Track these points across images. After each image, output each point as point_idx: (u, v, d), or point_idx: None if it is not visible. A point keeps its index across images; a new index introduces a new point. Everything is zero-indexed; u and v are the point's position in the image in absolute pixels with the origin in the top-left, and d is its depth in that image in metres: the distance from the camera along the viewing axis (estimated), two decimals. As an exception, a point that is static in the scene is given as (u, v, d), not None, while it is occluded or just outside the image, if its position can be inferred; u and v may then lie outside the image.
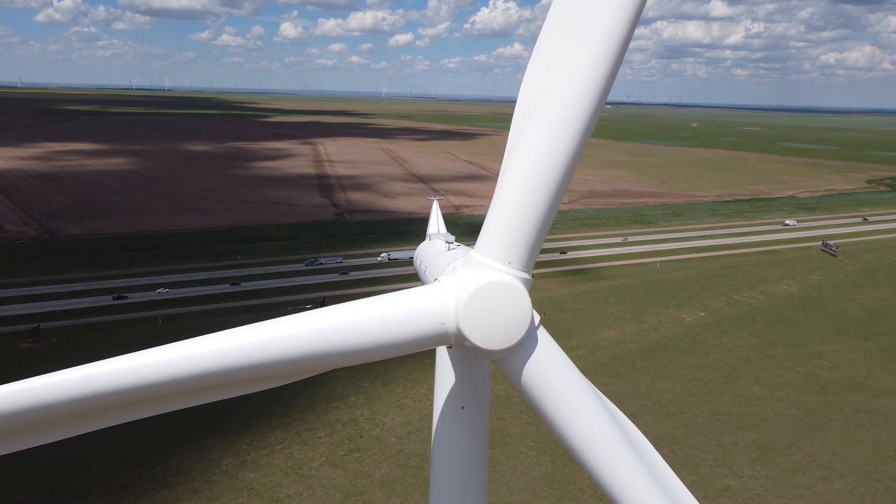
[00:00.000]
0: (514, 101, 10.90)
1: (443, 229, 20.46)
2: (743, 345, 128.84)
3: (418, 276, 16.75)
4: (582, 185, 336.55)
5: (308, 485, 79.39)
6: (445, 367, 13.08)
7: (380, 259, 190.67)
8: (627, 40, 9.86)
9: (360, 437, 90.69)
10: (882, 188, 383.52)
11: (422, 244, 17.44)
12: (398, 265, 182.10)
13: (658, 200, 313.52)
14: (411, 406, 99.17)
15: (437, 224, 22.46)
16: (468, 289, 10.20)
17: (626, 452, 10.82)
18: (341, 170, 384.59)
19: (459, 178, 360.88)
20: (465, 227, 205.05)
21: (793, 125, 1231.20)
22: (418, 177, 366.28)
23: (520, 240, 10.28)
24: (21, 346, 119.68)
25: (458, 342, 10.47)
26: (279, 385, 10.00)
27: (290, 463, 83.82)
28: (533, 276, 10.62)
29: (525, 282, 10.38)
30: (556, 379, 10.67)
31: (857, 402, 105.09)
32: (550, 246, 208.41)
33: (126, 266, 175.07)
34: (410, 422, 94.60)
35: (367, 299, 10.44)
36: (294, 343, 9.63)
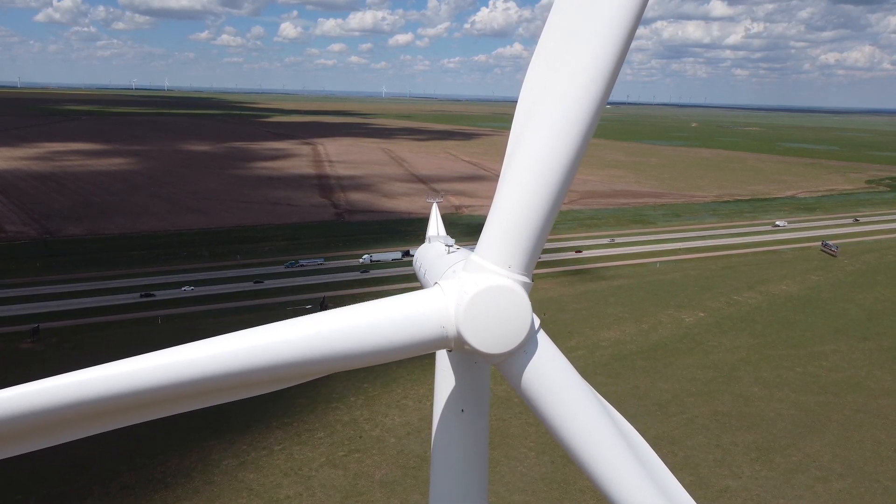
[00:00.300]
0: (513, 101, 10.91)
1: (442, 232, 20.44)
2: (742, 345, 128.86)
3: (418, 278, 16.76)
4: (582, 185, 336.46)
5: (308, 485, 79.41)
6: (445, 370, 13.10)
7: (361, 261, 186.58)
8: (629, 41, 9.81)
9: (360, 437, 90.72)
10: (882, 188, 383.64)
11: (421, 247, 17.45)
12: (384, 266, 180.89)
13: (658, 201, 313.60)
14: (411, 406, 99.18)
15: (436, 227, 22.42)
16: (468, 293, 10.22)
17: (625, 456, 10.84)
18: (341, 170, 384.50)
19: (459, 179, 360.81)
20: (464, 228, 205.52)
21: (792, 125, 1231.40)
22: (418, 177, 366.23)
23: (520, 243, 10.28)
24: (21, 347, 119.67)
25: (458, 346, 10.50)
26: (280, 389, 10.04)
27: (289, 463, 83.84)
28: (533, 280, 10.65)
29: (525, 286, 10.40)
30: (556, 382, 10.69)
31: (856, 403, 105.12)
32: (563, 245, 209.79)
33: (126, 266, 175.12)
34: (410, 422, 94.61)
35: (367, 303, 10.46)
36: (295, 347, 9.65)
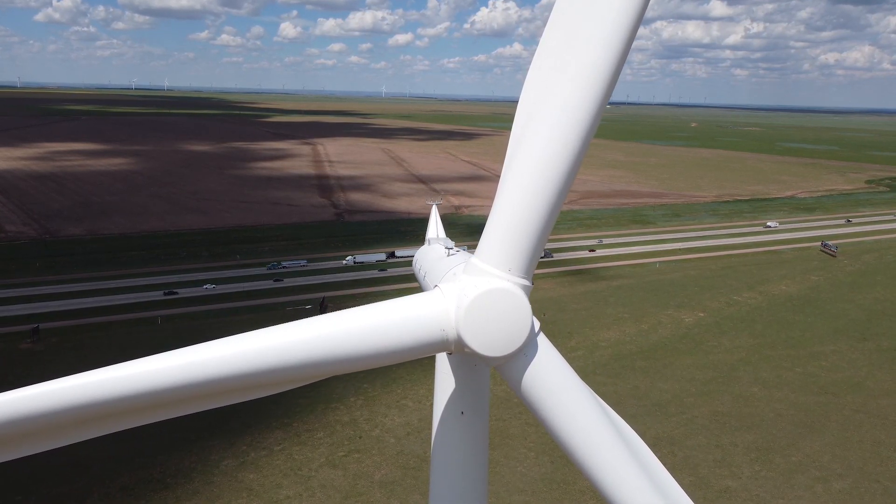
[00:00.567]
0: (513, 101, 10.94)
1: (442, 234, 20.44)
2: (742, 345, 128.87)
3: (417, 280, 16.77)
4: (581, 185, 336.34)
5: (307, 486, 79.42)
6: (445, 372, 13.12)
7: (345, 262, 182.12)
8: (630, 41, 9.81)
9: (360, 437, 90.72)
10: (881, 188, 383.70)
11: (420, 249, 17.46)
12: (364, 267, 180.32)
13: (657, 201, 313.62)
14: (411, 407, 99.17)
15: (435, 229, 22.39)
16: (469, 296, 10.24)
17: (624, 458, 10.88)
18: (341, 170, 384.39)
19: (459, 179, 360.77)
20: (464, 228, 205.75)
21: (792, 125, 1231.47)
22: (418, 177, 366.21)
23: (520, 247, 10.31)
24: (21, 347, 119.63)
25: (458, 349, 10.52)
26: (280, 392, 10.06)
27: (289, 464, 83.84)
28: (533, 283, 10.67)
29: (525, 289, 10.43)
30: (556, 385, 10.72)
31: (856, 403, 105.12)
32: (578, 244, 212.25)
33: (126, 266, 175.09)
34: (410, 423, 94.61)
35: (367, 306, 10.50)
36: (295, 350, 9.68)
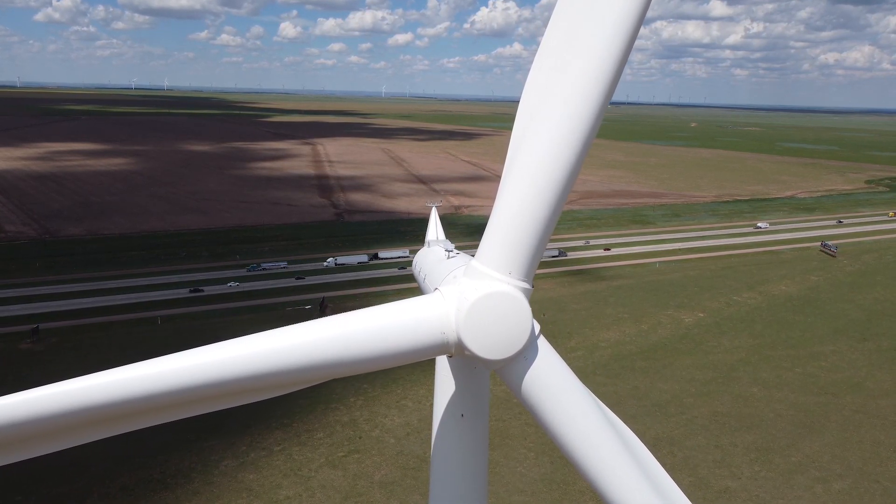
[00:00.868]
0: (513, 101, 10.97)
1: (441, 236, 20.38)
2: (742, 346, 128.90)
3: (417, 283, 16.78)
4: (581, 185, 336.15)
5: (307, 486, 79.43)
6: (445, 375, 13.12)
7: (325, 264, 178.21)
8: (632, 42, 9.75)
9: (360, 438, 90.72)
10: (881, 188, 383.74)
11: (420, 251, 17.46)
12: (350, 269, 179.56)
13: (657, 201, 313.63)
14: (411, 407, 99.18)
15: (435, 231, 22.35)
16: (469, 299, 10.24)
17: (624, 460, 10.89)
18: (341, 170, 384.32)
19: (459, 179, 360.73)
20: (464, 228, 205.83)
21: (792, 125, 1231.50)
22: (418, 177, 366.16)
23: (521, 250, 10.31)
24: (20, 347, 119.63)
25: (458, 352, 10.52)
26: (280, 395, 10.06)
27: (289, 464, 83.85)
28: (533, 285, 10.68)
29: (525, 292, 10.43)
30: (556, 388, 10.73)
31: (855, 403, 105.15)
32: (596, 243, 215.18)
33: (126, 266, 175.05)
34: (410, 423, 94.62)
35: (367, 309, 10.50)
36: (295, 354, 9.68)
